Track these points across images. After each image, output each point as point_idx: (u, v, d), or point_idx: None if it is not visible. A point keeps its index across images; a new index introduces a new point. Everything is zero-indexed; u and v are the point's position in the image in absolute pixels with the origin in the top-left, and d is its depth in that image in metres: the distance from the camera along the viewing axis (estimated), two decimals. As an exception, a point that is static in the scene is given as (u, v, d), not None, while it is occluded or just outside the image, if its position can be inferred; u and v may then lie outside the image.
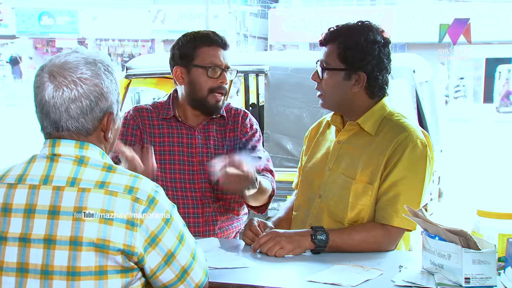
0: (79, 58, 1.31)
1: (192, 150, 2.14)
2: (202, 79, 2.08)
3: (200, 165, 2.12)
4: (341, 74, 1.89)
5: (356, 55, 1.86)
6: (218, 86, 2.09)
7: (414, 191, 1.82)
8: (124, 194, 1.26)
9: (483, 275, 1.48)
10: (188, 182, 2.12)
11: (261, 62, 4.24)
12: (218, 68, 2.09)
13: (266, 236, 1.80)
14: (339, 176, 1.93)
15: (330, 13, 20.44)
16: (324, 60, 1.91)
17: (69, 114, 1.29)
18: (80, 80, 1.29)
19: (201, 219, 2.11)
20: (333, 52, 1.89)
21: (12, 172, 1.32)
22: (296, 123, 4.09)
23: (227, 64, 2.11)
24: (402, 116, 1.94)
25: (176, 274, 1.33)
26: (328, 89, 1.92)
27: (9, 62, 22.67)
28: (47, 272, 1.24)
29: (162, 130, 2.16)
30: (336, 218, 1.91)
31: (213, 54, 2.09)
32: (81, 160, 1.30)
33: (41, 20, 23.37)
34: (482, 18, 17.79)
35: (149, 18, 22.82)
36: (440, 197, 4.79)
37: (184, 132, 2.15)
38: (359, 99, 1.91)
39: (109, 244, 1.23)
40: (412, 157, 1.82)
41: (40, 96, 1.31)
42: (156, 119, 2.17)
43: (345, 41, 1.87)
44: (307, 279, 1.57)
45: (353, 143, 1.93)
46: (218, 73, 2.09)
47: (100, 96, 1.31)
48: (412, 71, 4.29)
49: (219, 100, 2.11)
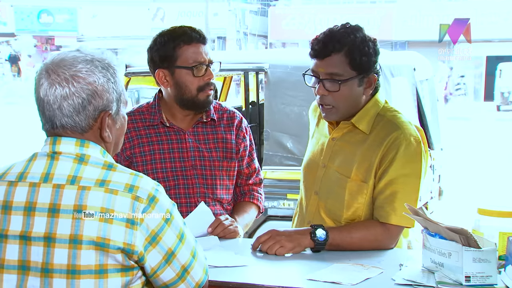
0: (77, 56, 1.31)
1: (183, 155, 2.09)
2: (188, 80, 2.04)
3: (193, 169, 2.08)
4: (355, 82, 1.86)
5: (364, 59, 1.83)
6: (206, 84, 2.05)
7: (411, 189, 1.82)
8: (125, 192, 1.26)
9: (484, 273, 1.47)
10: (182, 187, 2.07)
11: (261, 60, 4.23)
12: (203, 65, 2.04)
13: (266, 235, 1.80)
14: (333, 173, 1.93)
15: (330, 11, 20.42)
16: (336, 72, 1.83)
17: (62, 112, 1.29)
18: (72, 78, 1.28)
19: None
20: (342, 62, 1.83)
21: (13, 170, 1.32)
22: (296, 121, 4.08)
23: (210, 59, 2.05)
24: (395, 111, 1.92)
25: (176, 273, 1.32)
26: (343, 100, 1.86)
27: (8, 60, 22.65)
28: (47, 270, 1.24)
29: (150, 138, 2.10)
30: (334, 216, 1.92)
31: (195, 51, 2.03)
32: (81, 158, 1.30)
33: (40, 18, 23.34)
34: (483, 16, 17.76)
35: (148, 16, 22.80)
36: (440, 196, 4.79)
37: (173, 137, 2.10)
38: (363, 100, 1.90)
39: (109, 243, 1.23)
40: (407, 155, 1.82)
41: (37, 93, 1.31)
42: (143, 128, 2.10)
43: (350, 49, 1.82)
44: (307, 278, 1.57)
45: (347, 141, 1.93)
46: (203, 71, 2.04)
47: (93, 94, 1.29)
48: (413, 69, 4.28)
49: (209, 95, 2.07)
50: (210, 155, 2.11)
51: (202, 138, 2.12)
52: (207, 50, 2.06)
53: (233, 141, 2.16)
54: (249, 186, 2.22)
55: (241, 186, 2.22)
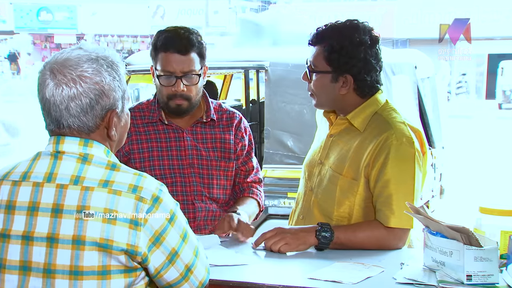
0: (81, 55, 1.30)
1: (181, 153, 2.09)
2: (158, 85, 2.05)
3: (191, 167, 2.09)
4: (328, 76, 1.88)
5: (341, 58, 1.85)
6: (173, 94, 2.02)
7: (405, 190, 1.81)
8: (128, 193, 1.25)
9: (485, 272, 1.47)
10: (180, 185, 2.08)
11: (261, 58, 4.23)
12: (170, 77, 2.00)
13: (272, 232, 1.80)
14: (328, 170, 1.94)
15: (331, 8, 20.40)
16: (312, 62, 1.91)
17: (69, 112, 1.28)
18: (79, 78, 1.27)
19: (192, 223, 2.07)
20: (320, 54, 1.88)
21: (17, 169, 1.31)
22: (297, 119, 4.08)
23: (183, 71, 2.00)
24: (393, 111, 1.92)
25: (180, 272, 1.32)
26: (317, 90, 1.92)
27: (7, 58, 22.64)
28: (49, 270, 1.24)
29: (149, 135, 2.11)
30: (325, 212, 1.92)
31: (168, 60, 2.00)
32: (84, 157, 1.29)
33: (39, 16, 23.30)
34: (484, 13, 17.72)
35: (148, 14, 22.79)
36: (442, 194, 4.78)
37: (172, 135, 2.11)
38: (349, 99, 1.91)
39: (112, 244, 1.23)
40: (399, 156, 1.81)
41: (41, 94, 1.30)
42: (142, 126, 2.12)
43: (331, 44, 1.85)
44: (308, 276, 1.57)
45: (343, 138, 1.94)
46: (172, 82, 2.01)
47: (101, 94, 1.29)
48: (414, 67, 4.27)
49: (180, 104, 2.04)
50: (208, 155, 2.11)
51: (201, 137, 2.12)
52: (185, 61, 1.99)
53: (231, 141, 2.15)
54: (247, 183, 2.22)
55: (240, 184, 2.22)
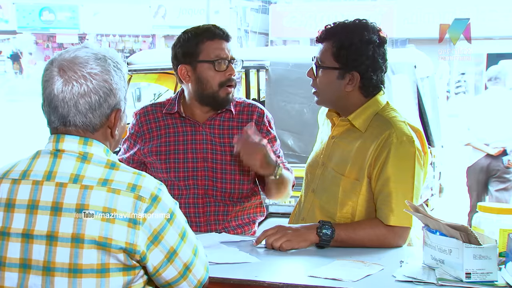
0: (89, 54, 1.31)
1: (196, 146, 2.11)
2: (209, 74, 2.06)
3: (204, 161, 2.10)
4: (334, 73, 1.89)
5: (350, 55, 1.85)
6: (227, 79, 2.07)
7: (404, 188, 1.81)
8: (127, 192, 1.26)
9: (484, 270, 1.48)
10: (192, 178, 2.09)
11: (262, 57, 4.24)
12: (225, 61, 2.06)
13: (273, 229, 1.81)
14: (330, 171, 1.94)
15: (332, 8, 20.38)
16: (319, 58, 1.91)
17: (78, 109, 1.29)
18: (90, 75, 1.29)
19: (202, 218, 2.09)
20: (328, 50, 1.89)
21: (17, 167, 1.32)
22: (297, 118, 4.09)
23: (232, 56, 2.08)
24: (393, 110, 1.92)
25: (178, 271, 1.33)
26: (322, 86, 1.92)
27: (10, 58, 22.64)
28: (49, 268, 1.24)
29: (168, 130, 2.14)
30: (328, 214, 1.92)
31: (217, 47, 2.06)
32: (84, 156, 1.30)
33: (41, 16, 23.32)
34: (484, 13, 17.71)
35: (150, 14, 22.78)
36: (441, 193, 4.79)
37: (188, 129, 2.13)
38: (353, 97, 1.91)
39: (111, 242, 1.24)
40: (398, 155, 1.81)
41: (49, 90, 1.30)
42: (162, 119, 2.16)
43: (340, 40, 1.86)
44: (308, 274, 1.58)
45: (345, 139, 1.94)
46: (225, 66, 2.06)
47: (109, 92, 1.31)
48: (413, 67, 4.28)
49: (230, 92, 2.09)
50: (223, 150, 2.11)
51: (218, 132, 2.13)
52: (229, 47, 2.09)
53: None
54: None
55: None
